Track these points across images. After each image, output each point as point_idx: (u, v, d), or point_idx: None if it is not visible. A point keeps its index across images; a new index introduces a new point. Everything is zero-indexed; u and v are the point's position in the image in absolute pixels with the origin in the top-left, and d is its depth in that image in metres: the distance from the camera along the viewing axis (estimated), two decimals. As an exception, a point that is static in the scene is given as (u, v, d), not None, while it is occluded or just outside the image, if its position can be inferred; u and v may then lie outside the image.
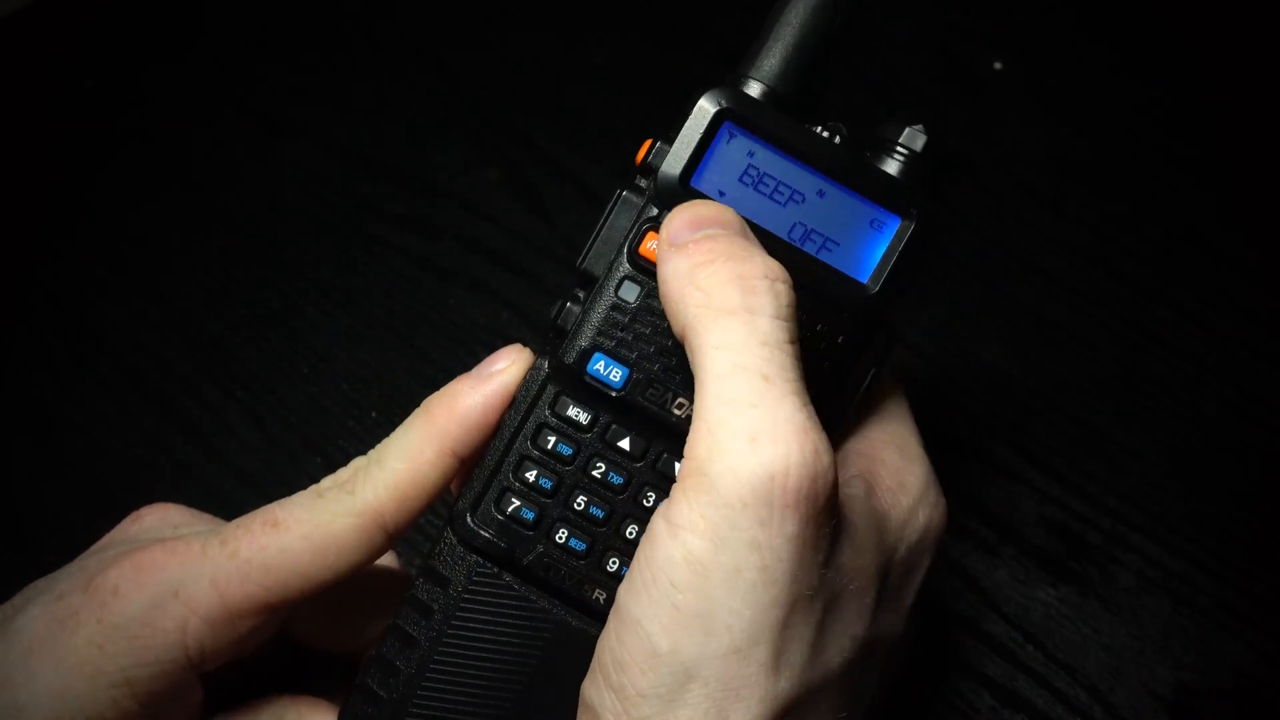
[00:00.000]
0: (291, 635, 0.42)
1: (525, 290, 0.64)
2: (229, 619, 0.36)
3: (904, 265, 0.38)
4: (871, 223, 0.38)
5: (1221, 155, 0.66)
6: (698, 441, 0.32)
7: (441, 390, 0.39)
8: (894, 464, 0.39)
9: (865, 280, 0.38)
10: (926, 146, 0.39)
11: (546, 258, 0.65)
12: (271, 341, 0.63)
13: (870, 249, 0.38)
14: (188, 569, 0.36)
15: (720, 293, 0.34)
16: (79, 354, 0.64)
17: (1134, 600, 0.54)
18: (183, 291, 0.65)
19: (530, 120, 0.70)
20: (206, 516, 0.42)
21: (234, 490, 0.59)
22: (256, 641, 0.38)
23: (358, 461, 0.40)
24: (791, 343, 0.33)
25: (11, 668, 0.35)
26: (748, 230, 0.36)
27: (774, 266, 0.34)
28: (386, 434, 0.59)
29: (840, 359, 0.38)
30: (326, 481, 0.39)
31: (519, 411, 0.39)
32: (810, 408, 0.33)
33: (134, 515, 0.41)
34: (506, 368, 0.39)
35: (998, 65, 0.70)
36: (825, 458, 0.32)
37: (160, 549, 0.37)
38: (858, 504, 0.36)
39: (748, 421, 0.32)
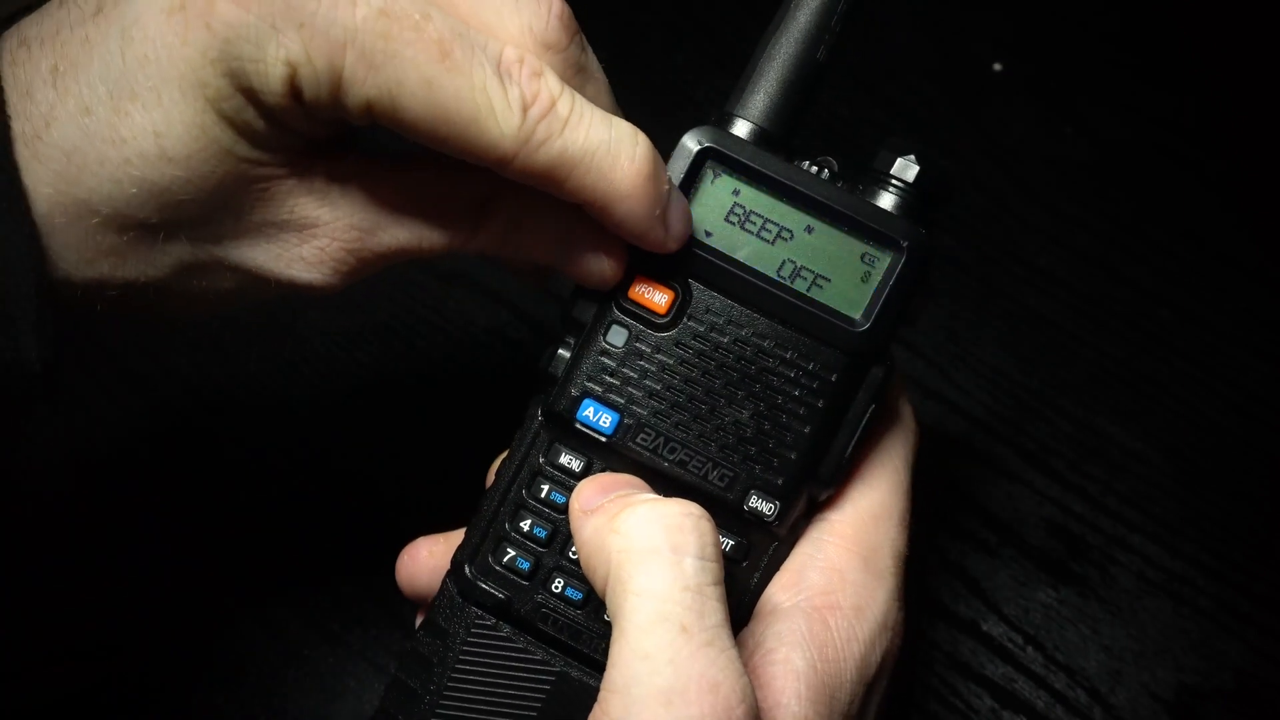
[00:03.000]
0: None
1: (525, 291, 0.64)
2: (336, 79, 0.32)
3: (895, 299, 0.37)
4: (863, 257, 0.38)
5: (1221, 155, 0.66)
6: (611, 697, 0.32)
7: None
8: (856, 582, 0.38)
9: (857, 316, 0.38)
10: (919, 177, 0.38)
11: (546, 258, 0.65)
12: (272, 342, 0.63)
13: (862, 284, 0.38)
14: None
15: (642, 533, 0.33)
16: (79, 354, 0.64)
17: (1134, 601, 0.54)
18: (182, 292, 0.65)
19: (530, 120, 0.70)
20: None
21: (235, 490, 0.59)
22: (337, 116, 0.33)
23: (556, 86, 0.34)
24: (715, 583, 0.33)
25: (133, 84, 0.32)
26: (649, 490, 0.37)
27: (694, 505, 0.34)
28: (387, 434, 0.59)
29: (834, 398, 0.38)
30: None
31: (514, 459, 0.39)
32: (729, 651, 0.32)
33: None
34: None
35: (998, 66, 0.70)
36: (738, 710, 0.31)
37: None
38: (804, 678, 0.36)
39: (663, 681, 0.31)
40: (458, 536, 0.41)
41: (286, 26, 0.31)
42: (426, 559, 0.43)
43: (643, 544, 0.33)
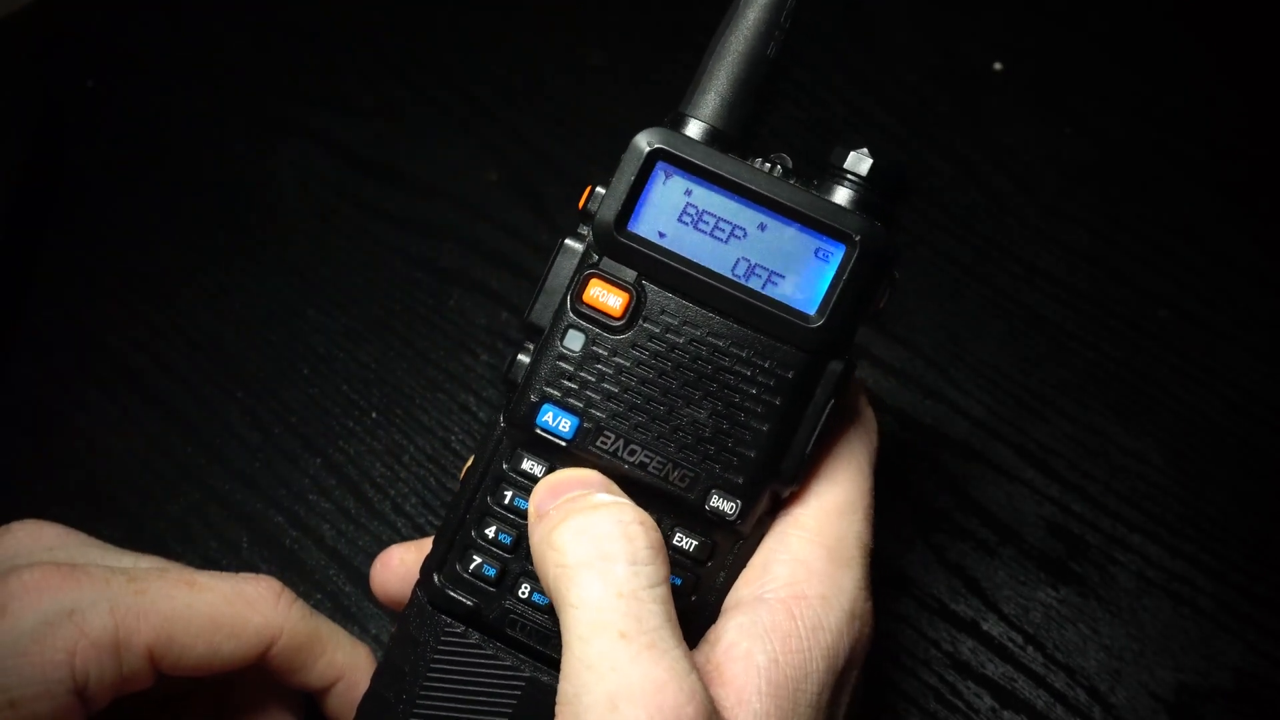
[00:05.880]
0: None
1: (526, 291, 0.64)
2: (117, 651, 0.36)
3: (850, 293, 0.37)
4: (816, 252, 0.37)
5: (1221, 155, 0.66)
6: (562, 709, 0.32)
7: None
8: (822, 572, 0.38)
9: (812, 313, 0.37)
10: (872, 170, 0.38)
11: (546, 258, 0.65)
12: (271, 341, 0.63)
13: (817, 279, 0.38)
14: (85, 593, 0.36)
15: (572, 547, 0.34)
16: (79, 354, 0.64)
17: (1134, 601, 0.54)
18: (183, 292, 0.65)
19: (530, 120, 0.70)
20: (79, 535, 0.42)
21: (234, 490, 0.59)
22: (130, 689, 0.38)
23: (300, 606, 0.42)
24: (653, 585, 0.33)
25: None
26: (610, 484, 0.37)
27: (628, 510, 0.35)
28: (387, 435, 0.60)
29: (792, 396, 0.38)
30: (276, 584, 0.42)
31: (479, 466, 0.39)
32: (673, 651, 0.32)
33: (3, 529, 0.41)
34: None
35: (998, 65, 0.70)
36: (688, 708, 0.31)
37: (56, 572, 0.37)
38: (767, 672, 0.36)
39: (607, 687, 0.31)
40: (428, 543, 0.41)
41: None
42: (398, 566, 0.44)
43: (574, 559, 0.34)
